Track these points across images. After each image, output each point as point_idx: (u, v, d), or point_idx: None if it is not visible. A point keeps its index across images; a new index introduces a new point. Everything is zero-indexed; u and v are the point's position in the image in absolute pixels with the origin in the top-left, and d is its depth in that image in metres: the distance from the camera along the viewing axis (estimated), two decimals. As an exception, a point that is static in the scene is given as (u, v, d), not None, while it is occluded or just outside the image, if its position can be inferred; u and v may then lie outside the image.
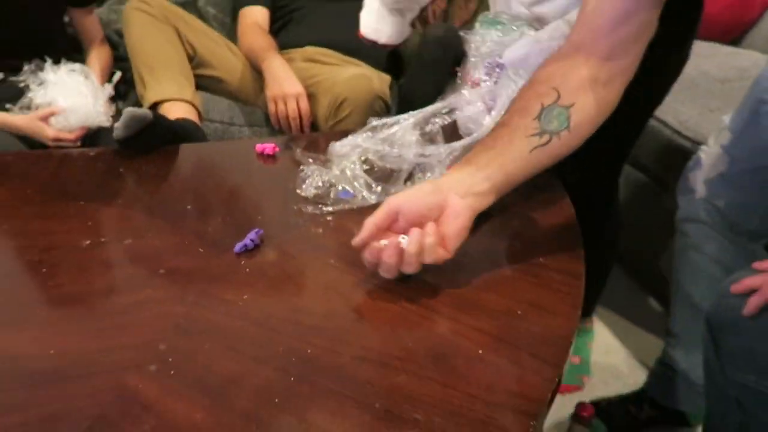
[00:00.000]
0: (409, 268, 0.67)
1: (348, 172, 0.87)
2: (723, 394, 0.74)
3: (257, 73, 1.47)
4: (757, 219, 0.93)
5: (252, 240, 0.77)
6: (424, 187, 0.68)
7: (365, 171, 0.88)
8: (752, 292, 0.71)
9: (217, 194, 0.91)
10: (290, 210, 0.84)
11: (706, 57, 1.62)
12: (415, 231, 0.66)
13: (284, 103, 1.35)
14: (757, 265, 0.77)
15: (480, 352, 0.61)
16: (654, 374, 1.14)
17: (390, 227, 0.67)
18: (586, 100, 0.70)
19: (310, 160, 0.91)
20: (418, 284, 0.70)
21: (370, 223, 0.66)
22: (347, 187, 0.85)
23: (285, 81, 1.36)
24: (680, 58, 1.01)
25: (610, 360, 1.33)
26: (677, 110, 1.36)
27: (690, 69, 1.54)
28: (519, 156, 0.69)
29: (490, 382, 0.58)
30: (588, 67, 0.69)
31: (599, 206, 1.12)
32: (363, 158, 0.90)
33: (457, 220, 0.66)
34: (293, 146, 0.98)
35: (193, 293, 0.69)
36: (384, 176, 0.87)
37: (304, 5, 1.64)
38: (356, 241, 0.67)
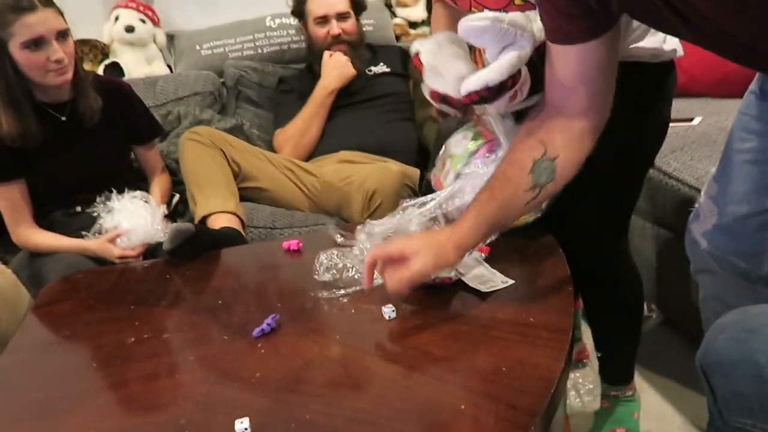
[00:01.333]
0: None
1: (359, 255, 0.96)
2: None
3: (294, 179, 1.63)
4: (765, 265, 0.91)
5: (269, 324, 0.86)
6: (442, 246, 0.80)
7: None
8: (740, 336, 0.70)
9: (245, 289, 1.03)
10: (307, 296, 0.93)
11: (726, 113, 1.64)
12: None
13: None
14: None
15: (462, 407, 0.66)
16: (705, 438, 1.09)
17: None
18: (567, 153, 0.80)
19: (339, 237, 1.02)
20: (409, 349, 0.76)
21: (376, 259, 0.81)
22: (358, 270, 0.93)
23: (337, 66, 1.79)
24: (658, 123, 1.04)
25: (664, 427, 1.27)
26: (694, 168, 1.38)
27: (708, 127, 1.58)
28: (515, 213, 0.84)
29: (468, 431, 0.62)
30: (566, 122, 0.79)
31: (613, 268, 1.13)
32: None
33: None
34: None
35: (214, 374, 0.79)
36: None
37: (336, 114, 1.83)
38: (372, 255, 0.82)
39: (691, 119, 1.63)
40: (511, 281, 0.86)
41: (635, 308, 1.20)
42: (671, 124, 1.07)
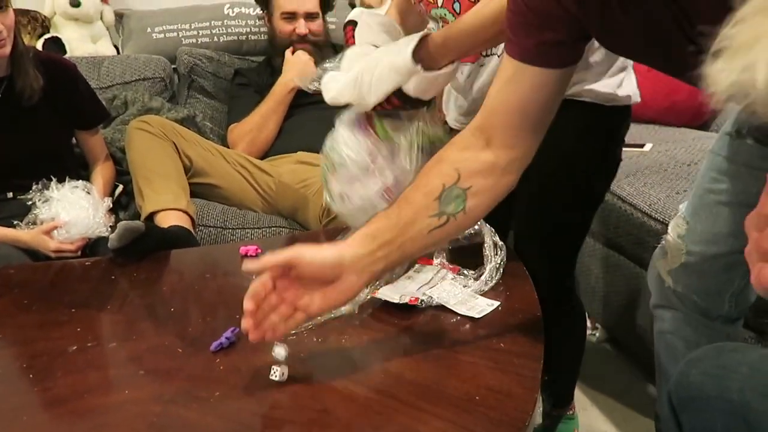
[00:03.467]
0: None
1: None
2: None
3: (249, 178, 1.57)
4: (726, 304, 0.94)
5: (227, 338, 0.81)
6: (328, 254, 0.69)
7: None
8: (715, 371, 0.71)
9: (200, 296, 0.97)
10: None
11: (675, 142, 1.71)
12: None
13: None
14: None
15: (437, 437, 0.64)
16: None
17: (282, 274, 0.70)
18: (483, 184, 0.75)
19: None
20: (383, 374, 0.74)
21: (268, 263, 0.69)
22: None
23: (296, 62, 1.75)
24: (611, 164, 1.05)
25: (607, 446, 1.31)
26: (647, 194, 1.42)
27: (659, 155, 1.64)
28: (418, 237, 0.73)
29: (444, 466, 0.60)
30: (489, 152, 0.75)
31: (561, 300, 1.14)
32: None
33: (339, 296, 0.71)
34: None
35: (169, 392, 0.73)
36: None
37: (295, 113, 1.77)
38: (249, 267, 0.70)
39: (643, 145, 1.69)
40: (496, 303, 0.84)
41: (580, 333, 1.22)
42: (624, 149, 1.09)
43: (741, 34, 0.39)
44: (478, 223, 0.96)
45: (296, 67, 1.77)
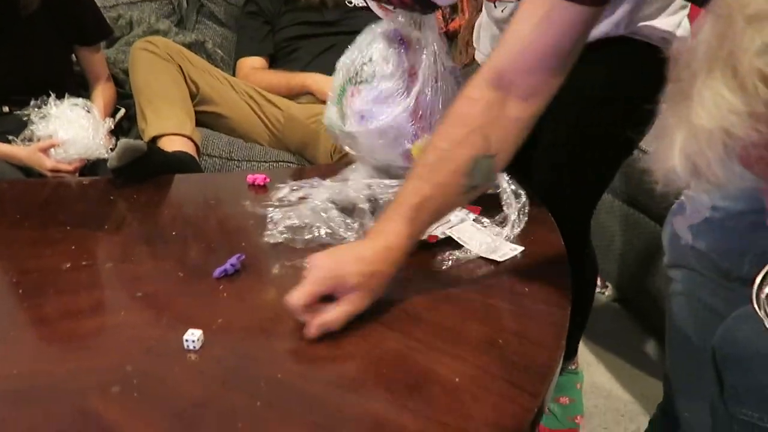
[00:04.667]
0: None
1: (323, 214, 0.84)
2: (726, 431, 0.70)
3: (257, 109, 1.49)
4: (747, 264, 0.89)
5: (232, 265, 0.76)
6: (366, 255, 0.65)
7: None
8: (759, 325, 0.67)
9: (204, 222, 0.91)
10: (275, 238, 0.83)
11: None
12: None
13: None
14: None
15: (457, 380, 0.59)
16: (653, 422, 1.09)
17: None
18: (509, 143, 0.71)
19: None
20: (398, 312, 0.68)
21: (314, 293, 0.63)
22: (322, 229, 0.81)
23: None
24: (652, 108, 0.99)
25: (611, 404, 1.28)
26: (676, 150, 1.35)
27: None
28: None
29: (466, 410, 0.55)
30: (513, 106, 0.70)
31: (576, 247, 1.09)
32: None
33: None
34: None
35: (167, 317, 0.68)
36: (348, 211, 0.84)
37: (309, 43, 1.68)
38: (293, 303, 0.63)
39: (673, 101, 1.60)
40: (520, 248, 0.79)
41: (590, 287, 1.18)
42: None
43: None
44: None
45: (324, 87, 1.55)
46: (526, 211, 0.85)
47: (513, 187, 0.89)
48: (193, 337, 0.61)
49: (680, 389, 1.02)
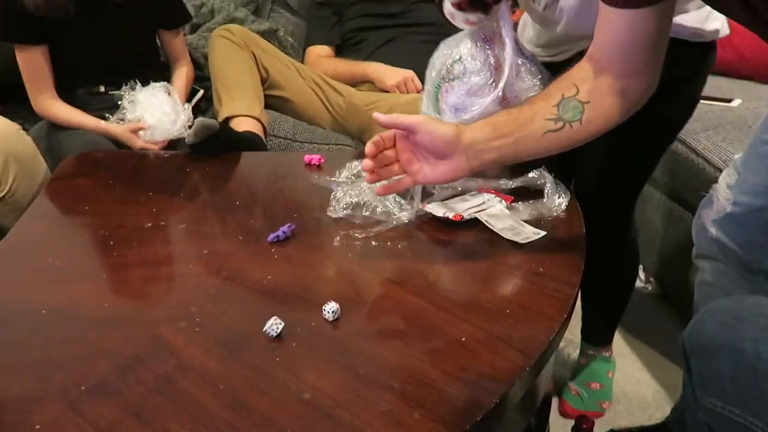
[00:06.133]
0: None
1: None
2: (696, 419, 0.75)
3: (321, 95, 1.61)
4: None
5: (284, 232, 0.87)
6: (448, 130, 0.76)
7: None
8: (729, 321, 0.71)
9: (264, 194, 1.04)
10: (324, 213, 0.94)
11: (765, 100, 1.61)
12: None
13: (405, 85, 1.58)
14: None
15: (463, 339, 0.68)
16: (676, 410, 1.14)
17: (403, 136, 0.78)
18: (600, 102, 0.77)
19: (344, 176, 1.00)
20: (421, 280, 0.78)
21: (397, 119, 0.76)
22: (378, 208, 0.91)
23: (396, 71, 1.59)
24: (686, 103, 1.02)
25: (640, 391, 1.32)
26: (724, 149, 1.36)
27: (746, 111, 1.55)
28: (533, 136, 0.77)
29: (466, 364, 0.65)
30: (606, 76, 0.76)
31: (617, 236, 1.14)
32: None
33: (449, 175, 0.78)
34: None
35: (227, 270, 0.81)
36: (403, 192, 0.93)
37: (373, 35, 1.78)
38: (379, 118, 0.77)
39: (731, 100, 1.60)
40: (542, 232, 0.86)
41: (628, 277, 1.22)
42: (709, 102, 1.04)
43: None
44: (540, 168, 0.97)
45: (393, 79, 1.65)
46: (562, 207, 0.92)
47: (559, 186, 0.96)
48: (332, 308, 0.71)
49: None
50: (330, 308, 0.70)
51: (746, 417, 0.67)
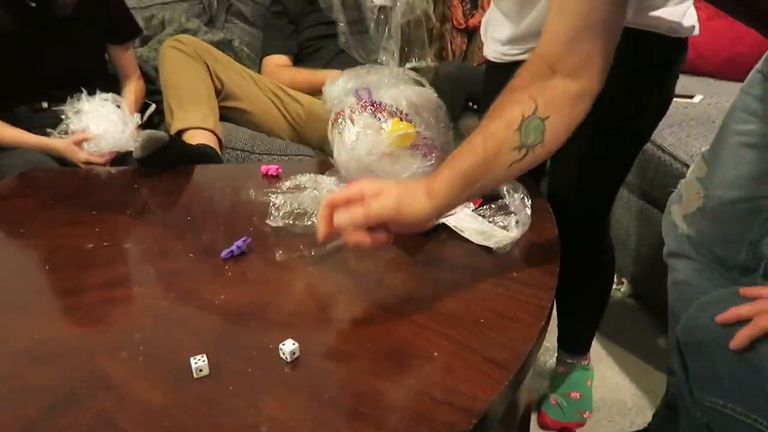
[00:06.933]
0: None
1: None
2: (692, 418, 0.72)
3: (279, 105, 1.55)
4: (743, 252, 0.89)
5: (239, 247, 0.81)
6: (425, 207, 0.67)
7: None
8: (740, 322, 0.68)
9: (217, 208, 0.97)
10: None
11: (729, 95, 1.60)
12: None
13: None
14: (745, 291, 0.75)
15: (435, 354, 0.62)
16: (658, 414, 1.10)
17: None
18: (559, 114, 0.71)
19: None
20: (385, 293, 0.73)
21: (359, 220, 0.65)
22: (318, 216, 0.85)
23: None
24: (662, 100, 1.00)
25: (618, 397, 1.29)
26: (690, 145, 1.35)
27: (708, 107, 1.55)
28: (499, 172, 0.71)
29: (439, 380, 0.59)
30: (559, 82, 0.71)
31: (593, 241, 1.10)
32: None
33: (413, 228, 0.69)
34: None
35: (176, 290, 0.74)
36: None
37: (325, 45, 1.74)
38: (340, 221, 0.65)
39: (692, 96, 1.60)
40: (513, 235, 0.81)
41: (607, 282, 1.19)
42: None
43: None
44: None
45: None
46: (528, 202, 0.88)
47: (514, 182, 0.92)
48: (290, 348, 0.62)
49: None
50: (288, 349, 0.61)
51: (749, 414, 0.63)
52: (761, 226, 0.85)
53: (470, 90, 1.53)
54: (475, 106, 1.58)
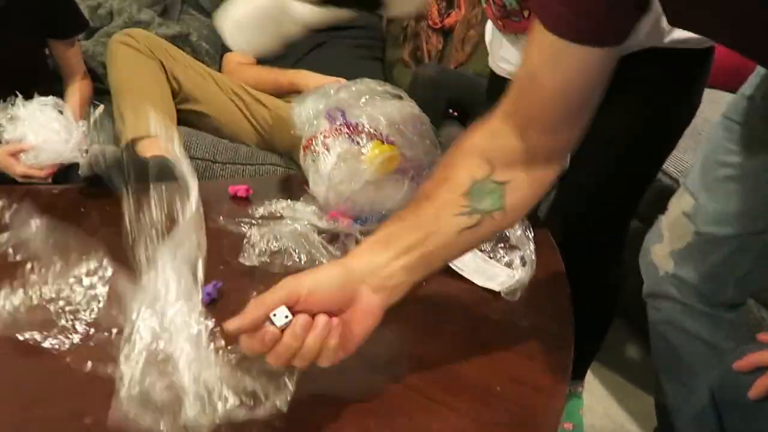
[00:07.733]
0: (300, 363, 0.52)
1: (303, 240, 0.77)
2: None
3: (243, 108, 1.43)
4: (730, 290, 0.84)
5: (209, 294, 0.70)
6: (333, 271, 0.54)
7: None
8: (758, 369, 0.63)
9: (180, 239, 0.85)
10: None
11: (710, 103, 1.57)
12: (320, 324, 0.52)
13: None
14: (763, 336, 0.69)
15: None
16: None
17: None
18: (522, 177, 0.60)
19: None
20: (390, 351, 0.63)
21: (263, 304, 0.52)
22: (298, 254, 0.76)
23: (327, 78, 1.44)
24: (688, 110, 0.95)
25: (609, 423, 1.24)
26: (678, 158, 1.30)
27: (696, 120, 1.50)
28: (445, 240, 0.58)
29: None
30: (525, 140, 0.60)
31: (602, 260, 1.04)
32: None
33: (366, 321, 0.55)
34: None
35: (133, 354, 0.62)
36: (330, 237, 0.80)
37: (293, 42, 1.61)
38: (235, 324, 0.52)
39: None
40: (516, 273, 0.73)
41: (612, 308, 1.13)
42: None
43: None
44: None
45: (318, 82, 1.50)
46: (531, 235, 0.79)
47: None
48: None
49: (674, 416, 0.97)
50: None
51: None
52: (749, 262, 0.80)
53: (452, 95, 1.44)
54: (456, 114, 1.49)
